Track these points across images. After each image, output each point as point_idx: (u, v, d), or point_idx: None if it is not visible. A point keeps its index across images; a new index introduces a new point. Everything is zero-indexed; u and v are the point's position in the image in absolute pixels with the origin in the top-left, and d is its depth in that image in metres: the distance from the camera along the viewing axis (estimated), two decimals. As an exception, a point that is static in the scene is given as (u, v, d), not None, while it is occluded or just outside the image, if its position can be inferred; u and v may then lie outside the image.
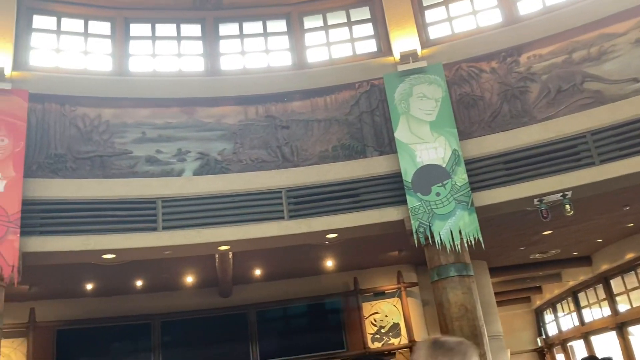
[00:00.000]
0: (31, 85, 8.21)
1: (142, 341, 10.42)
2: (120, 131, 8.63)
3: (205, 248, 8.51)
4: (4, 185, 7.45)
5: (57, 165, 8.12)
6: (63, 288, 9.82)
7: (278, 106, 9.19)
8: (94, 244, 7.79)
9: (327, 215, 8.42)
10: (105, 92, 8.70)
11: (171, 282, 10.40)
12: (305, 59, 9.61)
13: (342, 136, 8.98)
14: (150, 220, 8.13)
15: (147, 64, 9.32)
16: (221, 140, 8.93)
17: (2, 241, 7.17)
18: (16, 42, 8.46)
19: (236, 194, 8.48)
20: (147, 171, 8.51)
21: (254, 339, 10.83)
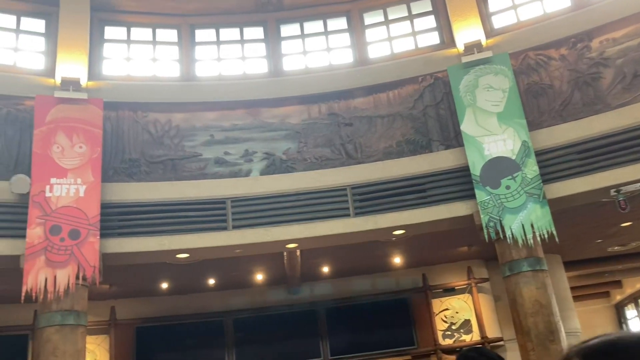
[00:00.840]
0: (105, 94, 8.61)
1: (216, 338, 10.71)
2: (189, 135, 8.91)
3: (273, 246, 8.66)
4: (83, 190, 7.85)
5: (132, 170, 8.49)
6: (141, 287, 10.25)
7: (341, 104, 9.22)
8: (169, 244, 8.09)
9: (394, 212, 8.37)
10: (174, 97, 9.01)
11: (241, 280, 10.63)
12: (366, 55, 9.59)
13: (407, 131, 8.91)
14: (221, 220, 8.36)
15: (213, 68, 9.57)
16: (286, 139, 9.06)
17: (83, 243, 7.56)
18: (90, 54, 8.89)
19: (302, 193, 8.58)
20: (216, 172, 8.75)
21: (324, 336, 10.91)
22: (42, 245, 7.37)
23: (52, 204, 7.62)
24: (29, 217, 7.49)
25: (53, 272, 7.28)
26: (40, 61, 8.81)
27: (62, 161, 7.91)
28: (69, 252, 7.44)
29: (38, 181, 7.68)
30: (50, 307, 7.24)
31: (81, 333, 7.38)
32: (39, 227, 7.46)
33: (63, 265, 7.36)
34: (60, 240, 7.46)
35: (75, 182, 7.84)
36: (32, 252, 7.32)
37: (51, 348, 7.07)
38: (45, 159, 7.84)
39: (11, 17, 8.92)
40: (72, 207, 7.68)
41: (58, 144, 7.97)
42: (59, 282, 7.25)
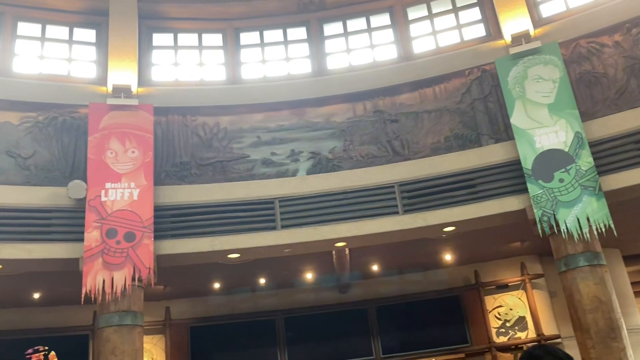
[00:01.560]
0: (155, 100, 8.83)
1: (268, 336, 10.82)
2: (237, 137, 9.03)
3: (322, 245, 8.68)
4: (137, 193, 8.07)
5: (183, 173, 8.67)
6: (194, 287, 10.47)
7: (386, 100, 9.16)
8: (220, 245, 8.22)
9: (443, 208, 8.26)
10: (221, 100, 9.15)
11: (292, 279, 10.71)
12: (411, 50, 9.49)
13: (454, 126, 8.77)
14: (270, 219, 8.44)
15: (258, 70, 9.66)
16: (331, 138, 9.07)
17: (138, 245, 7.77)
18: (140, 61, 9.13)
19: (349, 191, 8.57)
20: (263, 173, 8.84)
21: (375, 334, 10.87)
22: (99, 248, 7.62)
23: (107, 208, 7.87)
24: (86, 221, 7.75)
25: (110, 274, 7.52)
26: (92, 70, 9.11)
27: (116, 166, 8.16)
28: (125, 254, 7.66)
29: (94, 186, 7.94)
30: (108, 308, 7.48)
31: (138, 333, 7.59)
32: (96, 230, 7.71)
33: (119, 267, 7.59)
34: (116, 242, 7.69)
35: (129, 186, 8.07)
36: (90, 255, 7.58)
37: (111, 347, 7.30)
38: (100, 165, 8.10)
39: (64, 28, 9.25)
40: (126, 211, 7.90)
41: (112, 150, 8.22)
42: (116, 283, 7.48)
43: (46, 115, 8.42)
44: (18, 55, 8.84)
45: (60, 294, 9.34)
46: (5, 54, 8.69)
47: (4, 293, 9.26)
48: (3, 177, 7.93)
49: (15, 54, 8.81)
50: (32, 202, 7.84)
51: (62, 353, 9.84)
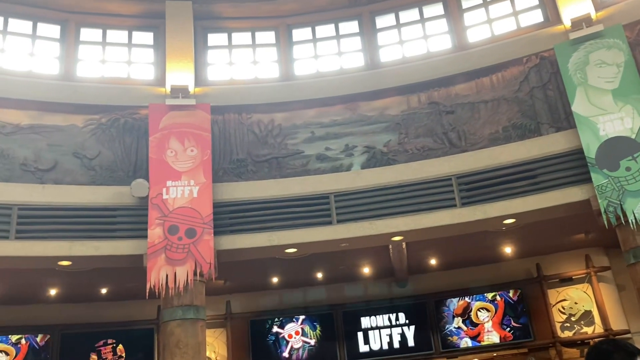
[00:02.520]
0: (212, 99, 9.02)
1: (327, 330, 10.88)
2: (291, 133, 9.11)
3: (378, 239, 8.66)
4: (197, 190, 8.28)
5: (240, 170, 8.83)
6: (253, 281, 10.65)
7: (441, 91, 9.02)
8: (277, 240, 8.33)
9: (503, 200, 8.08)
10: (275, 97, 9.25)
11: (349, 273, 10.73)
12: (465, 39, 9.30)
13: (513, 115, 8.55)
14: (325, 214, 8.48)
15: (311, 66, 9.70)
16: (386, 132, 9.01)
17: (199, 241, 7.98)
18: (196, 61, 9.34)
19: (405, 184, 8.50)
20: (318, 168, 8.89)
21: (434, 329, 10.75)
22: (162, 245, 7.87)
23: (169, 205, 8.11)
24: (149, 219, 8.02)
25: (173, 269, 7.75)
26: (150, 72, 9.39)
27: (176, 165, 8.39)
28: (187, 250, 7.88)
29: (155, 184, 8.20)
30: (172, 303, 7.71)
31: (201, 327, 7.80)
32: (159, 227, 7.96)
33: (181, 263, 7.81)
34: (178, 239, 7.92)
35: (189, 184, 8.28)
36: (153, 251, 7.84)
37: (175, 341, 7.53)
38: (160, 164, 8.35)
39: (123, 32, 9.57)
40: (187, 208, 8.12)
41: (171, 149, 8.46)
42: (178, 278, 7.71)
43: (109, 117, 8.75)
44: (81, 60, 9.21)
45: (126, 289, 9.72)
46: (70, 59, 9.06)
47: (74, 288, 9.72)
48: (70, 178, 8.30)
49: (78, 59, 9.18)
50: (98, 201, 8.17)
51: (130, 346, 10.23)
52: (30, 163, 8.19)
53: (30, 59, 8.96)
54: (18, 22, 9.06)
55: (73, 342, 10.01)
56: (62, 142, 8.43)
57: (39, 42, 9.10)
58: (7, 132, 8.23)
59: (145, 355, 10.25)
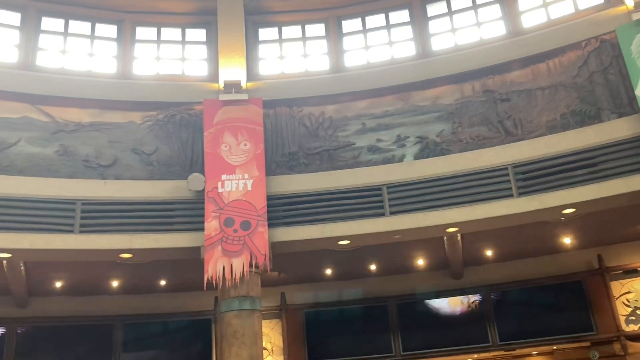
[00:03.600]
0: (263, 93, 9.12)
1: (381, 322, 10.83)
2: (342, 125, 9.12)
3: (433, 230, 8.57)
4: (251, 184, 8.40)
5: (292, 163, 8.91)
6: (307, 273, 10.73)
7: (495, 79, 8.83)
8: (330, 231, 8.37)
9: (562, 190, 7.85)
10: (326, 90, 9.27)
11: (402, 265, 10.66)
12: (520, 25, 9.06)
13: (571, 102, 8.28)
14: (378, 206, 8.46)
15: (361, 57, 9.66)
16: (438, 121, 8.90)
17: (254, 233, 8.10)
18: (247, 56, 9.46)
19: (459, 175, 8.38)
20: (370, 160, 8.86)
21: (491, 321, 10.54)
22: (218, 237, 8.03)
23: (224, 199, 8.26)
24: (205, 212, 8.20)
25: (229, 261, 7.91)
26: (204, 68, 9.57)
27: (230, 158, 8.54)
28: (242, 242, 8.02)
29: (211, 178, 8.37)
30: (228, 294, 7.87)
31: (257, 317, 7.93)
32: (215, 220, 8.13)
33: (237, 255, 7.95)
34: (233, 231, 8.07)
35: (243, 177, 8.42)
36: (210, 243, 8.01)
37: (232, 331, 7.69)
38: (215, 158, 8.51)
39: (177, 30, 9.78)
40: (242, 201, 8.26)
41: (226, 143, 8.61)
42: (234, 270, 7.86)
43: (165, 113, 8.98)
44: (137, 58, 9.47)
45: (184, 281, 9.98)
46: (126, 58, 9.34)
47: (135, 280, 10.05)
48: (130, 173, 8.57)
49: (134, 58, 9.44)
50: (156, 195, 8.41)
51: (188, 336, 10.50)
52: (92, 159, 8.50)
53: (89, 59, 9.28)
54: (77, 24, 9.40)
55: (135, 331, 10.35)
56: (121, 139, 8.72)
57: (97, 42, 9.42)
58: (70, 130, 8.56)
59: (204, 345, 10.50)
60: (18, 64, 8.78)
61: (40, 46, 9.06)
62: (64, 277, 9.71)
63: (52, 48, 9.14)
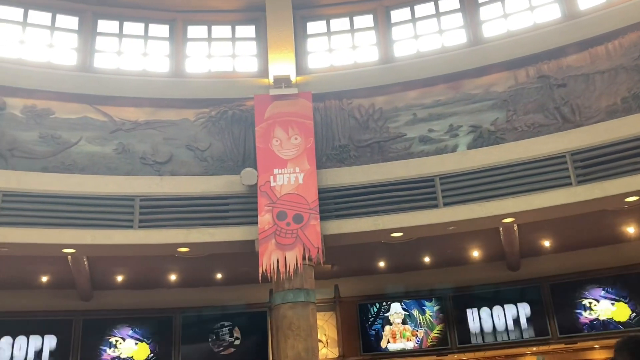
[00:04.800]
0: (312, 86, 9.15)
1: (436, 314, 10.72)
2: (392, 116, 9.05)
3: (488, 221, 8.41)
4: (302, 177, 8.46)
5: (342, 155, 8.91)
6: (360, 266, 10.72)
7: (551, 64, 8.56)
8: (383, 224, 8.33)
9: (624, 177, 7.57)
10: (375, 81, 9.21)
11: (457, 257, 10.50)
12: (576, 7, 8.74)
13: (633, 85, 7.94)
14: (431, 197, 8.37)
15: (410, 46, 9.54)
16: (492, 109, 8.71)
17: (306, 226, 8.16)
18: (296, 50, 9.50)
19: (515, 164, 8.18)
20: (421, 150, 8.76)
21: (550, 313, 10.25)
22: (271, 230, 8.13)
23: (276, 192, 8.35)
24: (258, 206, 8.32)
25: (283, 254, 7.99)
26: (254, 64, 9.68)
27: (281, 153, 8.61)
28: (295, 235, 8.09)
29: (263, 172, 8.48)
30: (283, 286, 7.97)
31: (312, 310, 8.00)
32: (268, 214, 8.23)
33: (290, 248, 8.03)
34: (286, 224, 8.15)
35: (294, 171, 8.48)
36: (264, 236, 8.12)
37: (287, 323, 7.78)
38: (267, 152, 8.61)
39: (226, 27, 9.92)
40: (293, 194, 8.33)
41: (277, 138, 8.69)
42: (288, 262, 7.94)
43: (217, 109, 9.14)
44: (189, 57, 9.66)
45: (239, 274, 10.15)
46: (179, 56, 9.54)
47: (192, 273, 10.30)
48: (185, 169, 8.77)
49: (187, 56, 9.64)
50: (211, 190, 8.59)
51: (244, 328, 10.69)
52: (148, 157, 8.75)
53: (143, 59, 9.53)
54: (131, 25, 9.66)
55: (192, 324, 10.62)
56: (176, 136, 8.93)
57: (151, 42, 9.66)
58: (127, 129, 8.84)
59: (260, 336, 10.67)
60: (77, 67, 9.11)
61: (97, 48, 9.37)
62: (125, 271, 10.06)
63: (108, 49, 9.44)
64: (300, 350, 7.63)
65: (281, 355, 7.79)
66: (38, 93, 8.59)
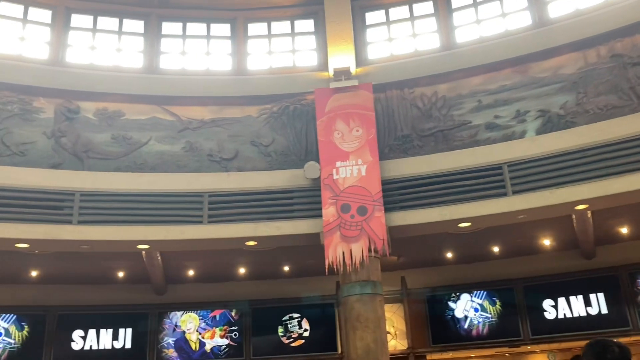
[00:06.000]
0: (373, 77, 9.09)
1: (507, 305, 10.44)
2: (456, 103, 8.87)
3: (560, 209, 8.14)
4: (365, 169, 8.43)
5: (405, 145, 8.82)
6: (427, 257, 10.60)
7: (624, 41, 8.14)
8: (449, 214, 8.20)
9: None
10: (437, 68, 9.05)
11: (528, 246, 10.19)
12: (651, -21, 8.23)
13: None
14: (499, 185, 8.16)
15: (473, 31, 9.30)
16: (561, 93, 8.39)
17: (371, 218, 8.14)
18: (355, 42, 9.46)
19: (588, 148, 7.86)
20: (488, 138, 8.55)
21: (630, 303, 9.78)
22: (336, 223, 8.17)
23: (340, 185, 8.37)
24: (322, 199, 8.36)
25: (348, 246, 8.01)
26: (313, 57, 9.71)
27: (343, 145, 8.62)
28: (359, 227, 8.09)
29: (326, 166, 8.51)
30: (350, 279, 7.99)
31: (379, 302, 7.98)
32: (332, 206, 8.27)
33: (356, 240, 8.04)
34: (350, 217, 8.16)
35: (357, 163, 8.47)
36: (329, 229, 8.16)
37: (355, 315, 7.81)
38: (329, 145, 8.64)
39: (286, 23, 10.00)
40: (357, 186, 8.32)
41: (338, 130, 8.70)
42: (354, 255, 7.95)
43: (279, 105, 9.24)
44: (250, 54, 9.81)
45: (306, 266, 10.26)
46: (241, 54, 9.71)
47: (260, 267, 10.51)
48: (250, 165, 8.94)
49: (248, 54, 9.79)
50: (275, 184, 8.71)
51: (313, 320, 10.81)
52: (215, 154, 8.97)
53: (206, 58, 9.76)
54: (194, 26, 9.91)
55: (262, 316, 10.84)
56: (240, 133, 9.11)
57: (213, 41, 9.87)
58: (194, 127, 9.08)
59: (328, 328, 10.76)
60: (144, 69, 9.44)
61: (162, 50, 9.67)
62: (196, 265, 10.38)
63: (173, 51, 9.73)
64: (369, 342, 7.64)
65: (350, 347, 7.82)
66: (109, 96, 8.96)
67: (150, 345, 10.48)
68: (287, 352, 10.62)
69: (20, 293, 10.31)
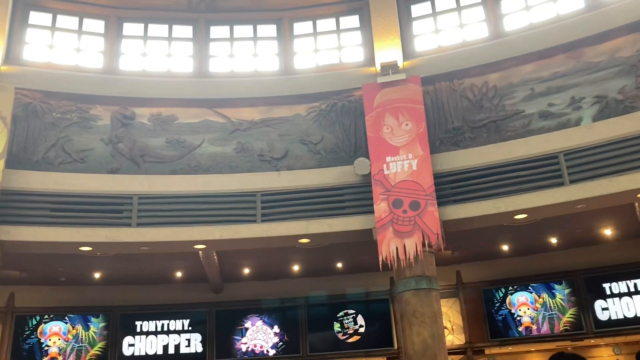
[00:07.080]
0: (421, 70, 8.99)
1: (567, 298, 10.19)
2: (508, 93, 8.68)
3: (621, 197, 7.88)
4: (415, 163, 8.36)
5: (457, 138, 8.68)
6: (482, 250, 10.42)
7: (689, 17, 7.75)
8: (504, 206, 8.03)
9: None
10: (486, 58, 8.87)
11: (587, 236, 9.88)
12: None
13: None
14: (555, 175, 7.94)
15: (522, 19, 9.07)
16: (618, 77, 8.09)
17: (423, 213, 8.06)
18: (402, 35, 9.37)
19: (650, 133, 7.53)
20: (542, 127, 8.34)
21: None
22: (388, 218, 8.13)
23: (390, 180, 8.33)
24: (373, 194, 8.34)
25: (402, 242, 7.97)
26: (360, 53, 9.68)
27: (392, 140, 8.57)
28: (412, 222, 8.03)
29: (376, 161, 8.48)
30: (404, 274, 7.95)
31: (435, 296, 7.91)
32: (383, 202, 8.24)
33: (409, 235, 7.98)
34: (403, 212, 8.10)
35: (407, 158, 8.40)
36: (381, 225, 8.14)
37: (411, 310, 7.76)
38: (378, 141, 8.60)
39: (331, 20, 10.01)
40: (408, 181, 8.26)
41: (387, 125, 8.65)
42: (408, 250, 7.90)
43: (327, 102, 9.26)
44: (297, 53, 9.87)
45: (359, 263, 10.28)
46: (287, 53, 9.78)
47: (314, 263, 10.59)
48: (300, 163, 9.01)
49: (294, 53, 9.86)
50: (326, 181, 8.75)
51: (368, 315, 10.82)
52: (265, 153, 9.08)
53: (254, 59, 9.89)
54: (241, 28, 10.05)
55: (318, 312, 10.92)
56: (289, 132, 9.19)
57: (260, 42, 9.99)
58: (245, 128, 9.22)
59: (383, 324, 10.75)
60: (194, 73, 9.64)
61: (211, 54, 9.86)
62: (251, 263, 10.55)
63: (221, 54, 9.90)
64: (426, 337, 7.58)
65: (407, 342, 7.78)
66: (162, 101, 9.20)
67: (209, 343, 10.73)
68: (344, 348, 10.68)
69: (85, 294, 10.76)
